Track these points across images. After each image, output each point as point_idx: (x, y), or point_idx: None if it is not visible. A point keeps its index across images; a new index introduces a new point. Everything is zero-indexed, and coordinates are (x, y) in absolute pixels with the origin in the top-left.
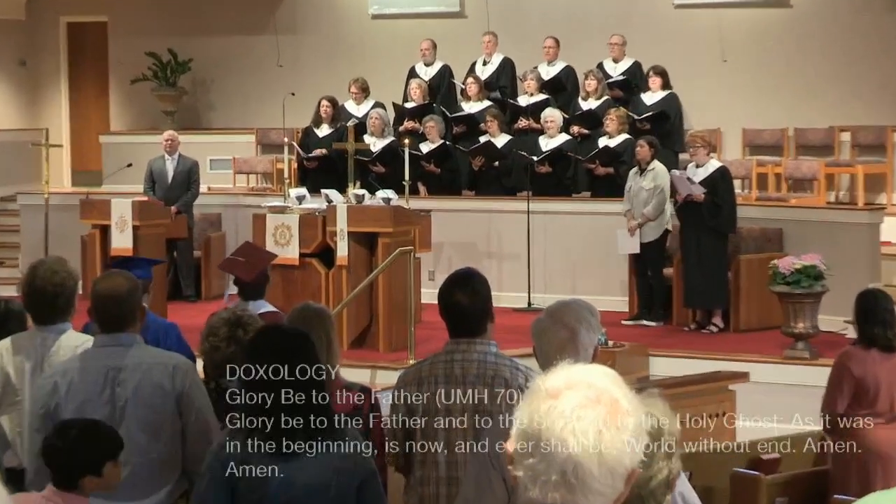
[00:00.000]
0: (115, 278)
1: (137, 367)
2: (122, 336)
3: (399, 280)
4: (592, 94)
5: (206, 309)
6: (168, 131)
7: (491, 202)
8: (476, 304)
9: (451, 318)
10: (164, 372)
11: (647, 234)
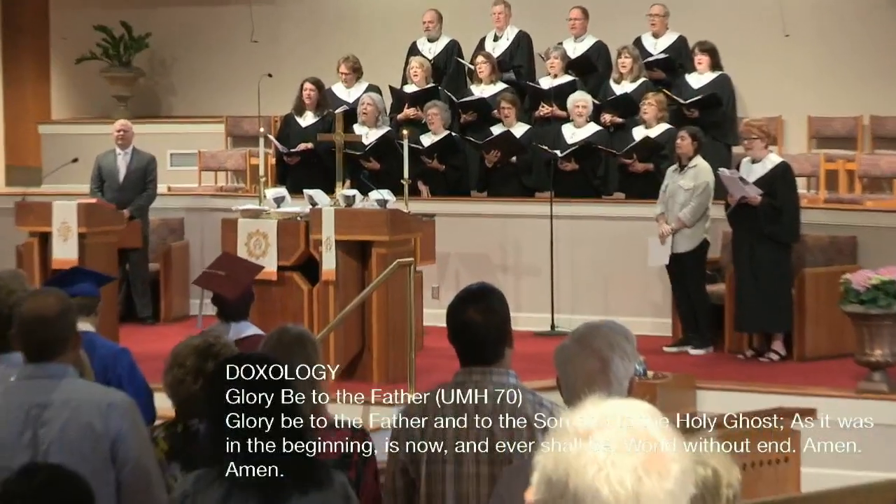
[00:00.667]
0: (44, 297)
1: (65, 405)
2: (50, 366)
3: (397, 298)
4: (627, 76)
5: (164, 333)
6: (120, 120)
7: (506, 205)
8: (493, 324)
9: (463, 341)
10: (96, 410)
11: (679, 244)
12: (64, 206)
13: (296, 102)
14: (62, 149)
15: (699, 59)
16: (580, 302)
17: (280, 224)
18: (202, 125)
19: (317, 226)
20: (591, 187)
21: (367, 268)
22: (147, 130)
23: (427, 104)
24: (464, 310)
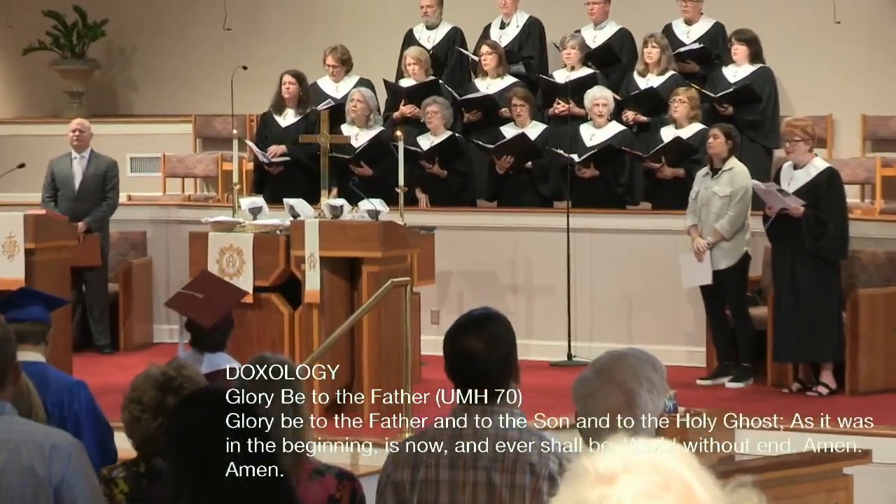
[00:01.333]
0: None
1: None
2: None
3: (391, 323)
4: (654, 68)
5: (125, 364)
6: (76, 119)
7: (516, 216)
8: (497, 354)
9: (461, 373)
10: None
11: (719, 260)
12: (9, 218)
13: (274, 99)
14: (7, 152)
15: (737, 49)
16: (601, 328)
17: (256, 238)
18: (167, 125)
19: (299, 240)
20: (614, 196)
21: (357, 289)
22: (104, 131)
23: (425, 101)
24: (463, 337)
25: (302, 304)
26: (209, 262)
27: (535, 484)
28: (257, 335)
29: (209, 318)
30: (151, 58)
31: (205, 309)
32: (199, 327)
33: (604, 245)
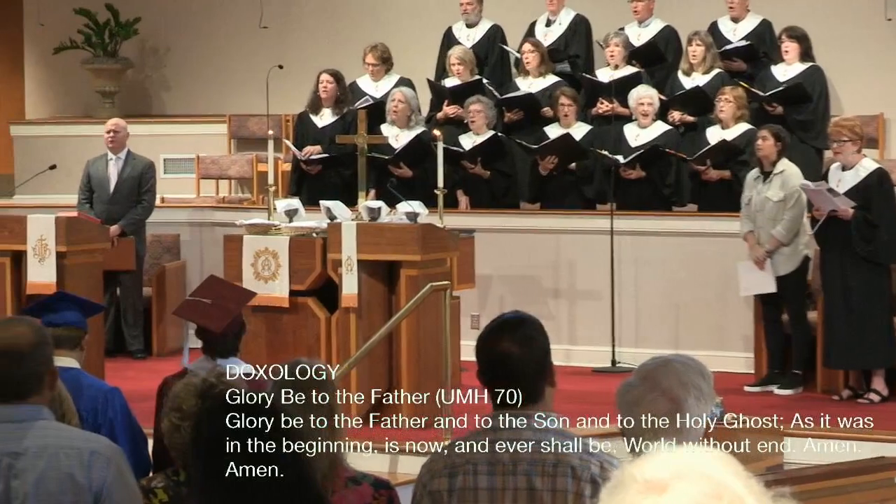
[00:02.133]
0: (14, 327)
1: (41, 453)
2: (21, 409)
3: (430, 329)
4: (699, 66)
5: (158, 369)
6: (112, 120)
7: (559, 219)
8: (532, 357)
9: (495, 375)
10: (77, 459)
11: (779, 266)
12: (40, 221)
13: (311, 98)
14: (38, 153)
15: (788, 46)
16: (647, 333)
17: (293, 241)
18: (201, 125)
19: (336, 243)
20: (660, 197)
21: (395, 293)
22: (136, 132)
23: (469, 100)
24: (497, 340)
25: (339, 308)
26: (244, 265)
27: (577, 487)
28: (293, 340)
29: (218, 322)
30: (185, 56)
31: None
32: (209, 333)
33: (649, 248)
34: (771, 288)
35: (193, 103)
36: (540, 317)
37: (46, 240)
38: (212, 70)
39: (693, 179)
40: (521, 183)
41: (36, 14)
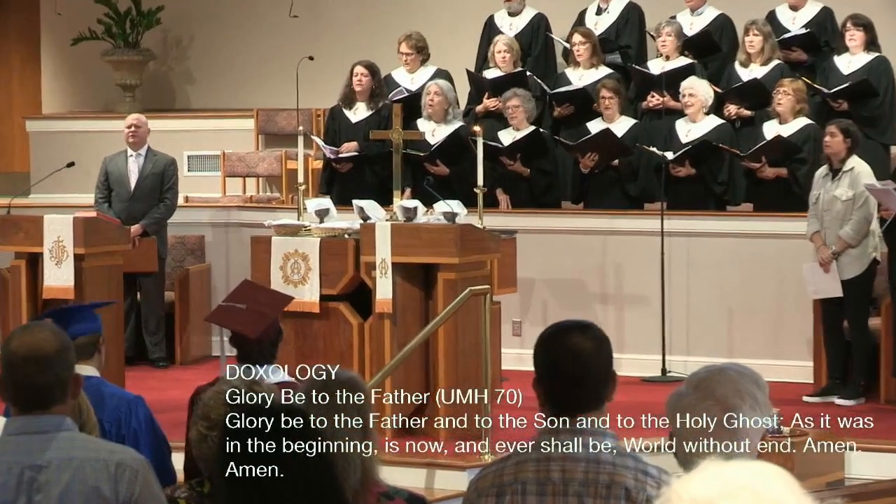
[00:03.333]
0: (36, 332)
1: (66, 465)
2: (44, 419)
3: (469, 336)
4: (756, 57)
5: (181, 378)
6: (133, 115)
7: (606, 219)
8: (601, 356)
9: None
10: (103, 471)
11: (845, 269)
12: (57, 221)
13: (344, 92)
14: (56, 150)
15: (853, 35)
16: (699, 340)
17: (323, 243)
18: (227, 120)
19: (369, 245)
20: (712, 196)
21: (432, 297)
22: (159, 127)
23: (506, 94)
24: (566, 336)
25: (372, 314)
26: (272, 268)
27: None
28: (324, 347)
29: (254, 328)
30: (210, 48)
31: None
32: (245, 340)
33: (701, 250)
34: (837, 292)
35: (219, 97)
36: None
37: (64, 241)
38: (238, 62)
39: (748, 177)
40: (564, 180)
41: (53, 3)
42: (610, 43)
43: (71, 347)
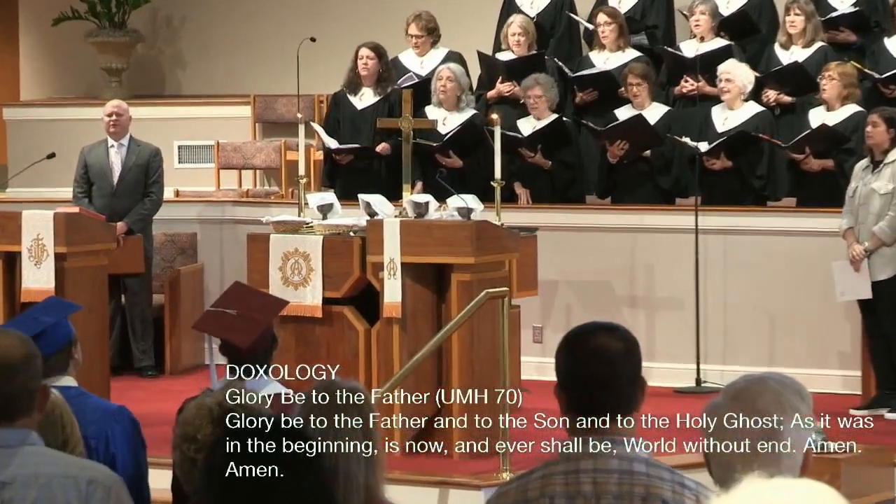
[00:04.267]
0: (1, 339)
1: (32, 482)
2: (6, 433)
3: (485, 342)
4: (798, 39)
5: (171, 389)
6: (112, 102)
7: (635, 215)
8: (630, 357)
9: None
10: (73, 489)
11: (876, 269)
12: (36, 218)
13: (348, 76)
14: (36, 140)
15: None
16: (736, 348)
17: (327, 241)
18: (221, 108)
19: (376, 244)
20: (751, 190)
21: (445, 301)
22: (147, 115)
23: (526, 81)
24: (592, 336)
25: (380, 319)
26: (270, 268)
27: None
28: (327, 356)
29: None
30: (203, 28)
31: (239, 327)
32: (236, 349)
33: (739, 248)
34: (866, 293)
35: (212, 82)
36: None
37: (44, 239)
38: (234, 44)
39: (792, 170)
40: (590, 173)
41: None
42: (635, 23)
43: (38, 354)
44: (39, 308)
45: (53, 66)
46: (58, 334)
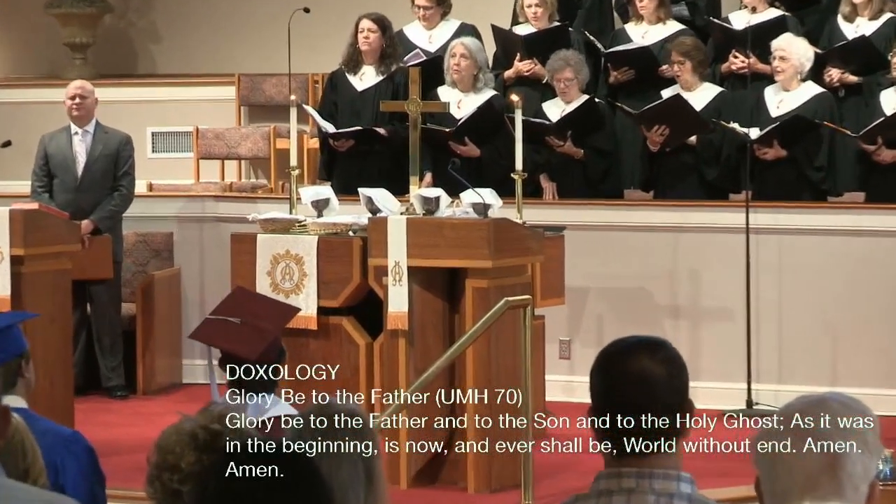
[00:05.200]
0: None
1: None
2: None
3: (505, 358)
4: (864, 9)
5: (144, 412)
6: (75, 83)
7: (678, 212)
8: (678, 379)
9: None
10: None
11: None
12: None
13: (347, 53)
14: None
15: None
16: (793, 365)
17: (323, 242)
18: (201, 88)
19: (379, 245)
20: (811, 185)
21: (459, 311)
22: (116, 97)
23: (553, 62)
24: (632, 358)
25: (383, 331)
26: (258, 273)
27: None
28: (322, 373)
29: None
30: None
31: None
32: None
33: (797, 251)
34: None
35: (191, 59)
36: None
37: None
38: (216, 16)
39: (859, 162)
40: (625, 164)
41: None
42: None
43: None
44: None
45: (8, 42)
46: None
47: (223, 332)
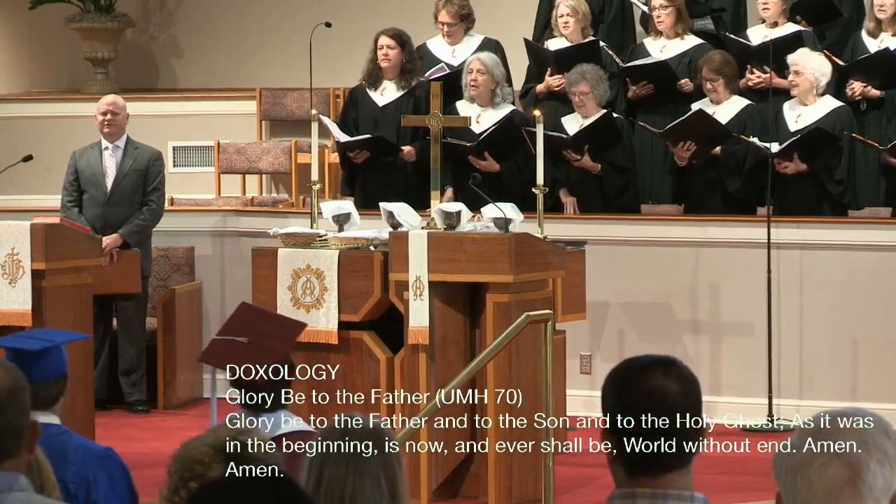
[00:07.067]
0: None
1: None
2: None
3: (526, 373)
4: (889, 25)
5: (165, 427)
6: (107, 98)
7: (698, 227)
8: (692, 395)
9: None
10: None
11: None
12: (11, 229)
13: (368, 68)
14: (11, 139)
15: None
16: (814, 380)
17: (344, 257)
18: (223, 103)
19: (400, 259)
20: (832, 199)
21: (480, 326)
22: (138, 111)
23: (571, 75)
24: (646, 374)
25: (404, 346)
26: (279, 288)
27: None
28: (343, 388)
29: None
30: (202, 12)
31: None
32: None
33: (819, 266)
34: None
35: (213, 74)
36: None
37: (19, 254)
38: (237, 30)
39: (882, 176)
40: (645, 179)
41: None
42: (700, 6)
43: (26, 387)
44: (31, 331)
45: (30, 56)
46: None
47: (232, 354)
